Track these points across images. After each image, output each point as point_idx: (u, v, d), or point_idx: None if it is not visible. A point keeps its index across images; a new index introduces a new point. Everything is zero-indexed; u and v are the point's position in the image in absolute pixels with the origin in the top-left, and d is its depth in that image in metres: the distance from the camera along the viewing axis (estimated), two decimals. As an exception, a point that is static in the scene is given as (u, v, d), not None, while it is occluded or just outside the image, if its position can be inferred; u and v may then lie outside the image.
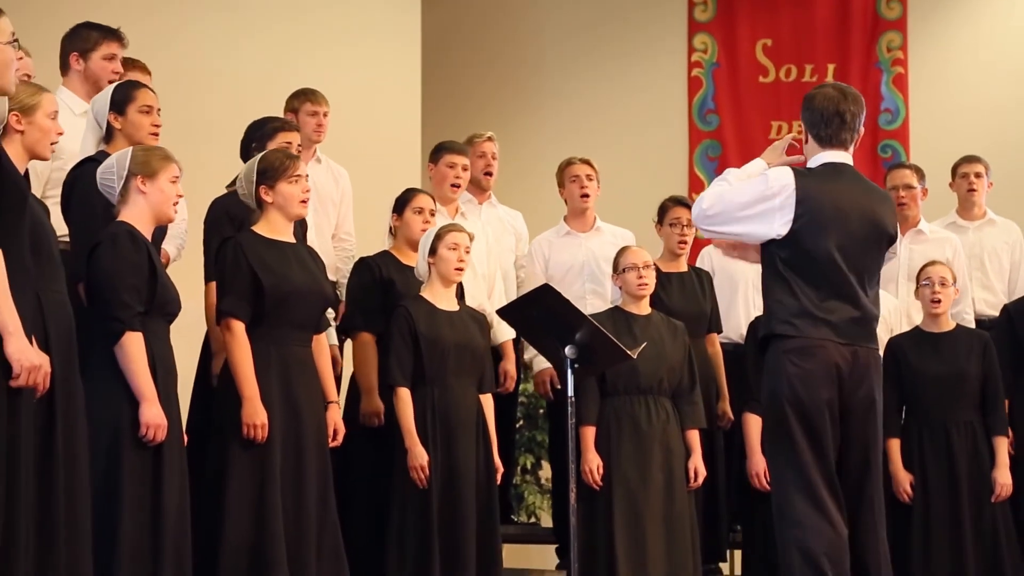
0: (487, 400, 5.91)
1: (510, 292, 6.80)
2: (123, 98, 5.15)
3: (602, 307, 6.49)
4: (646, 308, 6.33)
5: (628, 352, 5.44)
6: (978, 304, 7.25)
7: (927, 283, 6.49)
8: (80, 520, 4.13)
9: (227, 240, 5.24)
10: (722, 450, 6.74)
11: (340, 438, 5.40)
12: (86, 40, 5.71)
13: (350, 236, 6.80)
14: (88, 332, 4.43)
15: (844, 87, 4.96)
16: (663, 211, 6.95)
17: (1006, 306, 6.95)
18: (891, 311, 6.67)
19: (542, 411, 8.50)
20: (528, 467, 9.02)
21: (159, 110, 5.21)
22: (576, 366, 5.33)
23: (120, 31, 5.76)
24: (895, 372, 6.36)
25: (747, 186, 4.83)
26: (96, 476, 4.33)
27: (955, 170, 7.54)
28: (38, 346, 3.94)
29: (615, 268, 6.37)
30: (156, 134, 5.17)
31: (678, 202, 6.92)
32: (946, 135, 9.42)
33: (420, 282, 5.94)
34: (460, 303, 5.96)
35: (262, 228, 5.22)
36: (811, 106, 4.88)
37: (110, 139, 5.14)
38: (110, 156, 4.83)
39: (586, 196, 6.97)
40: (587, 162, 7.01)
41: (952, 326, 6.56)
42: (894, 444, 6.34)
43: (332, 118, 6.69)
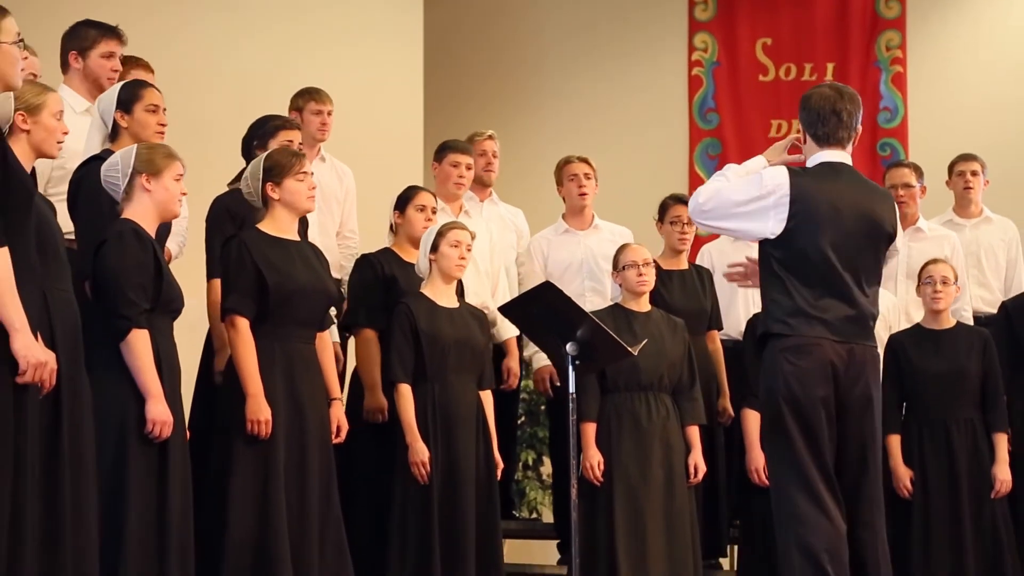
0: (487, 396, 5.93)
1: (513, 289, 6.80)
2: (130, 97, 5.16)
3: (601, 304, 6.49)
4: (646, 305, 6.35)
5: (629, 349, 5.45)
6: (974, 301, 7.24)
7: (929, 281, 6.48)
8: (86, 517, 4.13)
9: (232, 238, 5.26)
10: (722, 446, 6.74)
11: (343, 434, 5.40)
12: (84, 38, 5.70)
13: (354, 234, 6.81)
14: (94, 329, 4.44)
15: (840, 86, 4.97)
16: (664, 209, 6.97)
17: (1004, 303, 6.95)
18: (890, 309, 6.69)
19: (543, 407, 8.49)
20: (529, 463, 9.03)
21: (165, 109, 5.22)
22: (577, 363, 5.32)
23: (118, 28, 5.75)
24: (895, 369, 6.39)
25: (743, 183, 4.83)
26: (102, 473, 4.34)
27: (951, 168, 7.54)
28: (44, 343, 3.94)
29: (615, 265, 6.39)
30: (162, 133, 5.18)
31: (678, 200, 6.92)
32: (945, 134, 9.41)
33: (422, 279, 5.96)
34: (460, 300, 5.98)
35: (267, 226, 5.24)
36: (808, 106, 4.88)
37: (116, 137, 5.14)
38: (114, 154, 4.83)
39: (584, 194, 6.96)
40: (585, 160, 7.00)
41: (952, 324, 6.56)
42: (894, 440, 6.34)
43: (335, 117, 6.69)
